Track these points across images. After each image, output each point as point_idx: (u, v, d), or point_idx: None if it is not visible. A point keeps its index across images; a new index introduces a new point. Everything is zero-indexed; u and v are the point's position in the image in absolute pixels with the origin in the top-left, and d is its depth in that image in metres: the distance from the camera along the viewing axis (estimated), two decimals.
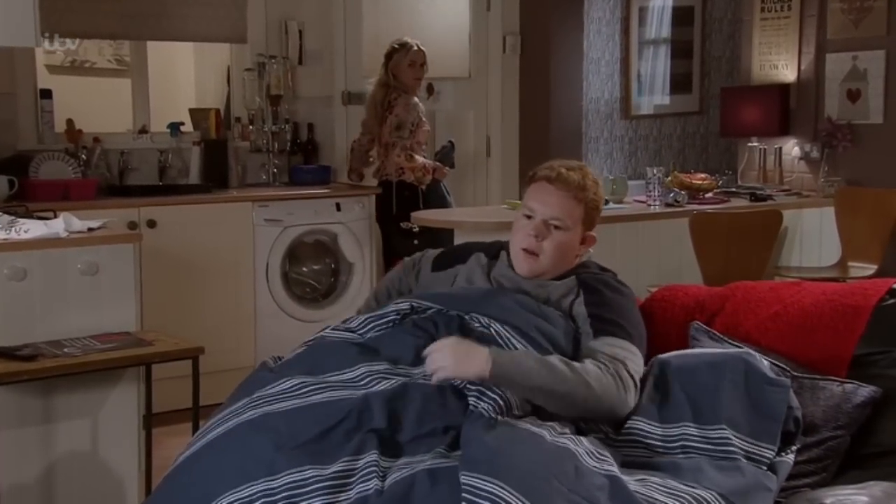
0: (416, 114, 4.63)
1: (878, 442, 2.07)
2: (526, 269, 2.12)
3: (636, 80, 6.31)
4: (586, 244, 2.17)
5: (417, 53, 4.59)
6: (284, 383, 1.92)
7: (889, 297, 2.18)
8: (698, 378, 1.97)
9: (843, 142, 4.40)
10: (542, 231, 2.09)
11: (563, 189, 2.08)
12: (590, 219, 2.14)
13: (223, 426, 1.86)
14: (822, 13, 4.49)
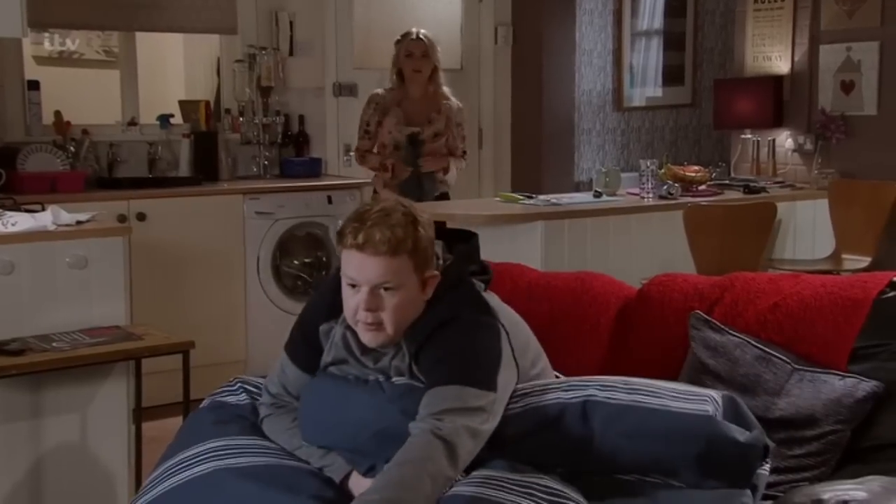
0: (371, 111, 4.22)
1: (878, 435, 2.06)
2: (372, 342, 1.88)
3: (628, 71, 6.29)
4: (429, 287, 1.88)
5: (414, 43, 4.20)
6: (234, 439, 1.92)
7: (889, 289, 2.17)
8: (651, 448, 1.80)
9: (836, 134, 4.39)
10: (374, 300, 1.82)
11: (375, 254, 1.80)
12: (423, 261, 1.85)
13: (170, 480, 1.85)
14: (816, 4, 4.48)
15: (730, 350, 2.20)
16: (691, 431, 1.78)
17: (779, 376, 2.12)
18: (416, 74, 4.17)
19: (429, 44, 4.19)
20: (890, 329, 2.11)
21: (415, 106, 4.19)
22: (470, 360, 1.81)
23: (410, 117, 4.16)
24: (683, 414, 1.81)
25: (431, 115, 4.18)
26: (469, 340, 1.84)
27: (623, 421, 1.81)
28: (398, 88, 4.20)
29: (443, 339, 1.84)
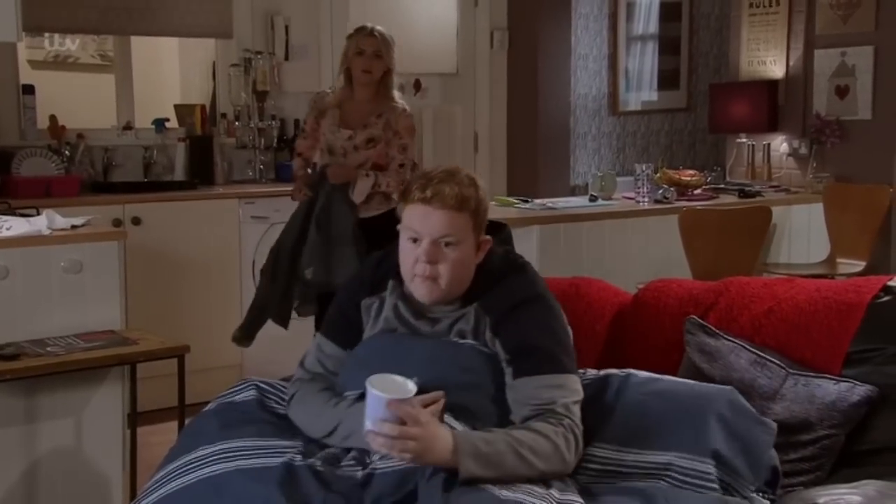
0: (308, 111, 3.86)
1: (873, 439, 2.06)
2: (427, 297, 1.93)
3: (624, 75, 6.30)
4: (482, 250, 1.97)
5: (367, 39, 3.66)
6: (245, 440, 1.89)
7: (883, 294, 2.17)
8: (682, 404, 1.89)
9: (831, 138, 4.40)
10: (434, 253, 1.89)
11: (442, 207, 1.88)
12: (479, 223, 1.95)
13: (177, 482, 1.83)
14: (811, 8, 4.49)
15: (725, 355, 2.20)
16: (715, 395, 1.90)
17: (773, 381, 2.12)
18: (364, 75, 3.66)
19: (383, 42, 3.68)
20: (884, 333, 2.11)
21: (356, 108, 3.70)
22: (560, 339, 1.92)
23: (347, 120, 3.69)
24: (707, 385, 1.99)
25: (370, 119, 3.67)
26: (560, 325, 1.95)
27: (656, 383, 1.97)
28: (345, 88, 3.73)
29: (532, 321, 1.90)
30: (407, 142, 3.67)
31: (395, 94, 3.74)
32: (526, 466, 1.74)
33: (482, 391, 1.86)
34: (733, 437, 1.84)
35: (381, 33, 3.70)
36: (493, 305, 1.92)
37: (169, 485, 1.86)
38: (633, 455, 1.84)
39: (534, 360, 1.86)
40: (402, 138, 3.66)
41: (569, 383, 1.87)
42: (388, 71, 3.70)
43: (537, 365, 1.85)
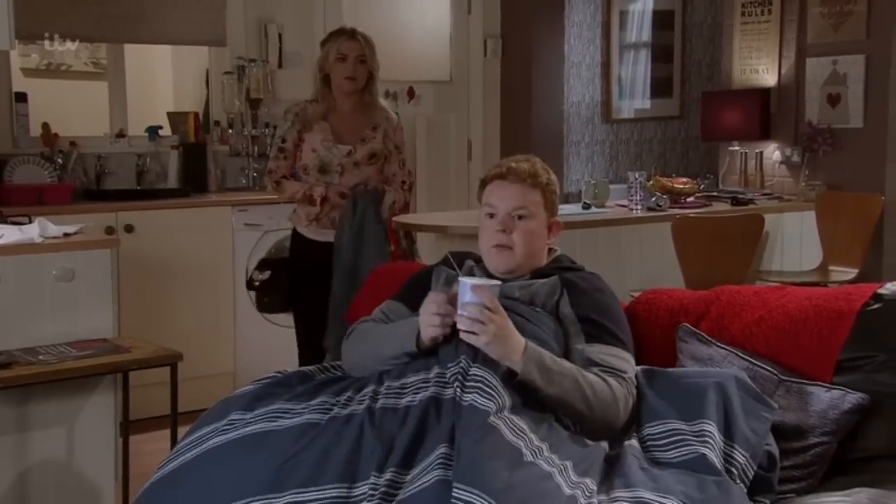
0: (288, 125, 3.43)
1: (864, 447, 2.06)
2: (502, 265, 2.12)
3: (617, 83, 6.32)
4: (553, 232, 2.19)
5: (348, 43, 3.33)
6: (280, 403, 1.95)
7: (873, 301, 2.17)
8: (685, 380, 2.00)
9: (823, 146, 4.42)
10: (509, 223, 2.10)
11: (517, 181, 2.11)
12: (550, 203, 2.17)
13: (218, 437, 1.87)
14: (803, 17, 4.51)
15: (717, 362, 2.20)
16: (723, 373, 2.02)
17: (765, 388, 2.12)
18: (348, 83, 3.34)
19: (366, 44, 3.36)
20: (874, 341, 2.12)
21: (344, 120, 3.38)
22: (627, 330, 2.10)
23: (339, 134, 3.36)
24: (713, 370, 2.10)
25: (365, 132, 3.38)
26: (621, 310, 2.15)
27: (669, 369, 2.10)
28: (323, 98, 3.40)
29: (608, 306, 2.09)
30: (405, 156, 3.49)
31: (383, 102, 3.51)
32: (581, 397, 1.89)
33: (551, 351, 1.97)
34: (730, 406, 1.92)
35: (363, 35, 3.39)
36: (573, 282, 2.09)
37: (212, 440, 1.88)
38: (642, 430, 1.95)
39: (608, 333, 2.03)
40: (402, 152, 3.46)
41: (632, 362, 2.04)
42: (371, 76, 3.40)
43: (612, 337, 2.03)
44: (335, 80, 3.37)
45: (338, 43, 3.37)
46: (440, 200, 5.38)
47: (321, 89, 3.42)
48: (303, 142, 3.40)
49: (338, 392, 2.00)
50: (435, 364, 1.94)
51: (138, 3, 4.59)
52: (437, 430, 1.80)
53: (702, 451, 1.82)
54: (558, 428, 1.87)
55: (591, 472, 1.78)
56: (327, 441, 1.83)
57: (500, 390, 1.83)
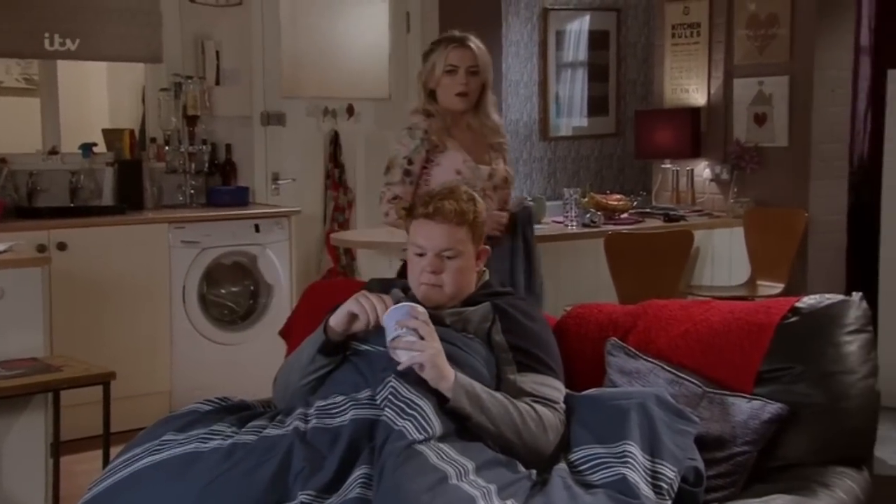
0: (418, 144, 2.94)
1: (782, 456, 2.13)
2: (432, 301, 2.14)
3: (554, 102, 6.43)
4: (481, 259, 2.22)
5: (459, 52, 2.88)
6: (215, 425, 1.98)
7: (791, 315, 2.24)
8: (607, 403, 2.05)
9: (751, 164, 4.55)
10: (438, 265, 2.13)
11: (443, 221, 2.12)
12: (477, 235, 2.19)
13: (150, 458, 1.88)
14: (730, 39, 4.65)
15: (644, 375, 2.26)
16: (644, 393, 2.08)
17: (690, 400, 2.18)
18: (458, 99, 2.88)
19: (480, 53, 2.91)
20: (792, 353, 2.19)
21: (467, 140, 2.96)
22: (557, 358, 2.15)
23: (470, 153, 2.96)
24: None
25: (489, 153, 2.99)
26: (551, 336, 2.19)
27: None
28: (437, 116, 2.93)
29: (538, 333, 2.13)
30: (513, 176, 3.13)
31: (496, 119, 3.04)
32: (511, 426, 1.94)
33: (482, 379, 2.01)
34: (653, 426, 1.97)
35: (475, 41, 2.92)
36: (504, 310, 2.13)
37: (140, 462, 1.90)
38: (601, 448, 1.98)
39: (539, 362, 2.08)
40: (510, 171, 3.09)
41: (563, 390, 2.09)
42: (484, 88, 2.95)
43: (542, 366, 2.08)
44: (443, 97, 2.89)
45: (445, 52, 2.89)
46: (379, 217, 5.39)
47: (427, 106, 2.95)
48: (431, 163, 2.91)
49: (272, 417, 2.03)
50: (364, 386, 1.97)
51: (72, 19, 4.54)
52: (367, 453, 1.83)
53: (623, 473, 1.87)
54: (487, 452, 1.90)
55: (515, 494, 1.81)
56: (255, 461, 1.85)
57: (432, 419, 1.87)
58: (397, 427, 1.84)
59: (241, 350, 4.51)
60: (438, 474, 1.77)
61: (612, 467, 1.91)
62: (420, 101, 2.96)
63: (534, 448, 1.96)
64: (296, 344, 2.35)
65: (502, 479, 1.84)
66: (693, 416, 2.05)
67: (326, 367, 2.06)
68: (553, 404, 2.03)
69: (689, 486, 1.96)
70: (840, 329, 2.20)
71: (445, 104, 2.89)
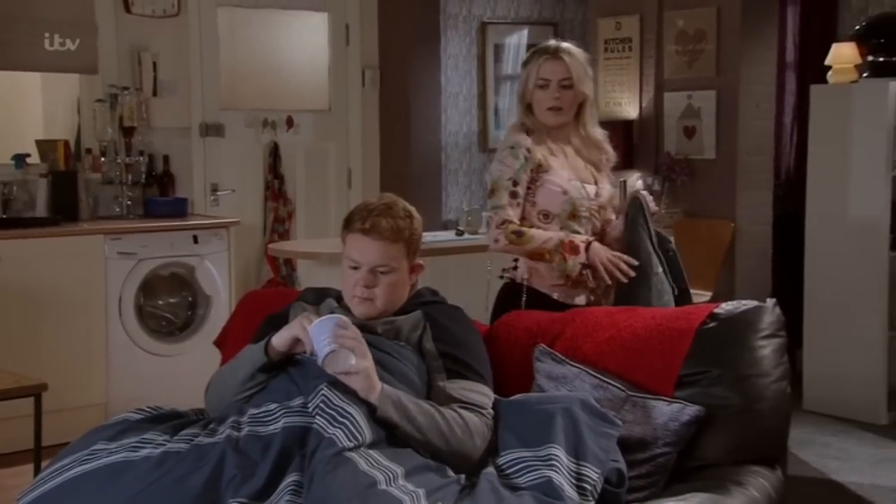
0: (522, 162, 2.74)
1: (700, 456, 2.22)
2: (364, 314, 2.18)
3: (494, 114, 6.52)
4: (415, 273, 2.26)
5: (551, 64, 2.73)
6: (146, 434, 1.99)
7: (710, 320, 2.33)
8: (534, 408, 2.11)
9: (681, 176, 4.68)
10: (371, 280, 2.16)
11: (379, 238, 2.15)
12: (412, 251, 2.22)
13: (80, 467, 1.89)
14: (660, 55, 4.78)
15: (570, 380, 2.33)
16: (569, 398, 2.14)
17: (614, 403, 2.25)
18: (551, 114, 2.74)
19: (574, 64, 2.75)
20: (710, 357, 2.28)
21: (576, 156, 2.83)
22: (486, 364, 2.20)
23: (574, 172, 2.80)
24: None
25: (593, 171, 2.84)
26: (481, 343, 2.25)
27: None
28: (536, 131, 2.77)
29: (468, 341, 2.18)
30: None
31: (599, 133, 2.86)
32: (437, 433, 1.98)
33: (413, 386, 2.06)
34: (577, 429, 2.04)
35: (569, 52, 2.75)
36: (435, 318, 2.18)
37: (70, 471, 1.91)
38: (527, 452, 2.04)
39: (468, 368, 2.13)
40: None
41: (491, 395, 2.14)
42: (584, 101, 2.79)
43: (471, 372, 2.12)
44: (537, 111, 2.75)
45: (538, 65, 2.74)
46: (320, 228, 5.43)
47: (525, 120, 2.79)
48: (535, 183, 2.74)
49: (205, 425, 2.05)
50: (297, 394, 2.00)
51: (6, 29, 4.50)
52: (298, 461, 1.87)
53: (548, 475, 1.94)
54: (416, 458, 1.95)
55: (444, 498, 1.87)
56: (186, 469, 1.88)
57: (363, 427, 1.91)
58: (328, 435, 1.88)
59: (179, 361, 4.50)
60: (368, 480, 1.81)
61: (537, 470, 1.97)
62: (518, 116, 2.81)
63: (461, 454, 2.01)
64: (231, 353, 2.38)
65: (431, 484, 1.89)
66: (616, 420, 2.12)
67: (264, 382, 2.09)
68: (481, 410, 2.08)
69: (611, 486, 2.03)
70: (755, 334, 2.30)
71: (540, 119, 2.75)
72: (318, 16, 5.66)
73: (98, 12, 4.72)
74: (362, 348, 1.98)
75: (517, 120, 2.82)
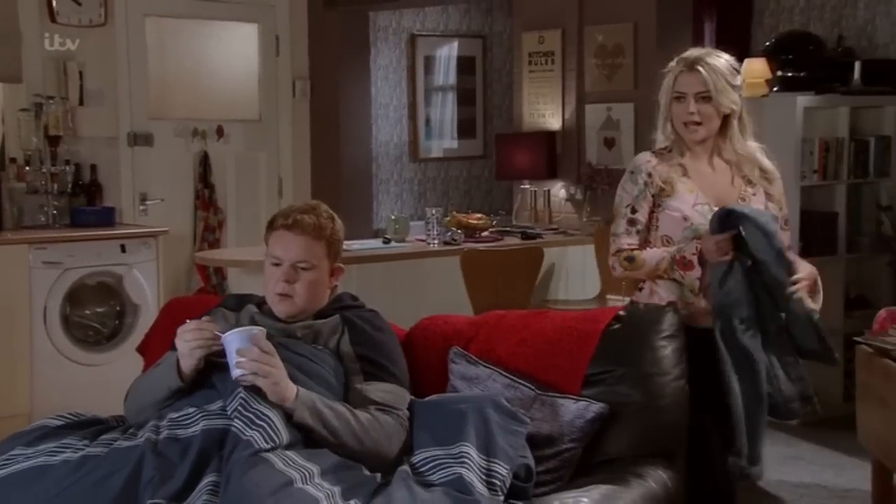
0: (641, 186, 2.58)
1: (604, 451, 2.33)
2: (284, 312, 2.24)
3: (425, 124, 6.63)
4: (335, 276, 2.32)
5: (687, 77, 2.52)
6: (66, 439, 2.04)
7: (615, 322, 2.46)
8: (447, 408, 2.21)
9: (601, 185, 4.83)
10: (292, 275, 2.22)
11: (301, 234, 2.21)
12: (333, 252, 2.28)
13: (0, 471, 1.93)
14: (580, 67, 4.93)
15: (483, 380, 2.43)
16: (481, 397, 2.24)
17: (524, 402, 2.36)
18: (688, 129, 2.53)
19: (712, 74, 2.49)
20: (614, 357, 2.40)
21: (706, 177, 2.57)
22: (402, 366, 2.28)
23: (710, 194, 2.56)
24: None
25: (741, 191, 2.56)
26: (397, 346, 2.33)
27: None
28: (677, 146, 2.57)
29: (385, 344, 2.26)
30: (787, 215, 2.66)
31: (753, 146, 2.57)
32: (352, 435, 2.05)
33: (331, 388, 2.13)
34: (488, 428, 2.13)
35: (707, 63, 2.50)
36: (353, 322, 2.24)
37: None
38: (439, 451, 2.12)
39: (384, 371, 2.20)
40: (780, 204, 2.62)
41: (407, 397, 2.23)
42: (728, 117, 2.53)
43: (388, 374, 2.20)
44: (676, 125, 2.56)
45: (674, 77, 2.55)
46: (250, 236, 5.45)
47: (664, 134, 2.60)
48: (659, 208, 2.58)
49: (125, 430, 2.10)
50: (216, 397, 2.06)
51: None
52: (216, 462, 1.93)
53: (459, 472, 2.03)
54: (332, 457, 2.02)
55: (359, 496, 1.95)
56: (105, 471, 1.92)
57: (280, 429, 1.98)
58: (245, 437, 1.94)
59: (106, 370, 4.48)
60: (284, 479, 1.88)
61: (449, 467, 2.06)
62: (659, 130, 2.62)
63: (376, 454, 2.09)
64: (153, 359, 2.42)
65: (347, 482, 1.97)
66: (525, 418, 2.22)
67: (183, 394, 2.13)
68: (396, 411, 2.16)
69: (520, 482, 2.13)
70: (656, 335, 2.43)
71: (680, 133, 2.56)
72: (247, 27, 5.70)
73: (22, 21, 4.70)
74: (265, 368, 2.01)
75: (657, 133, 2.64)
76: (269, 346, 2.05)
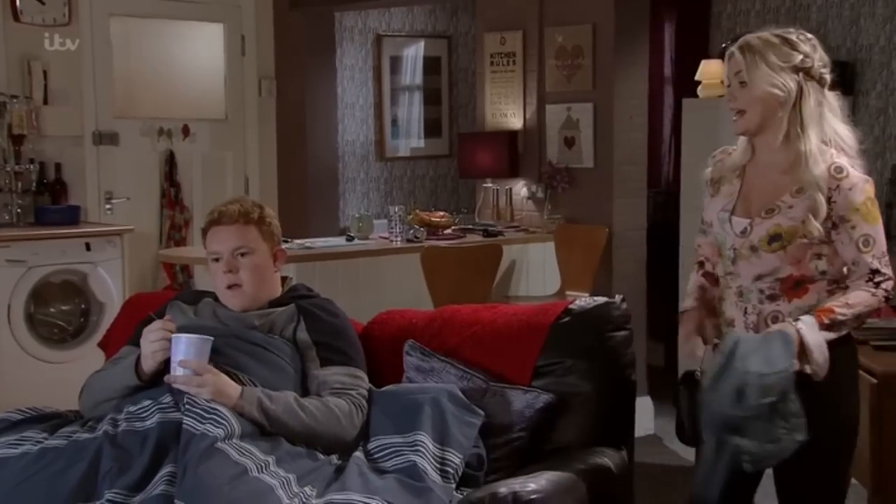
0: (707, 182, 2.34)
1: (553, 440, 2.42)
2: (237, 305, 2.31)
3: (391, 123, 6.70)
4: (279, 259, 2.40)
5: (728, 64, 2.18)
6: (26, 432, 2.11)
7: (564, 315, 2.54)
8: (404, 398, 2.29)
9: (562, 183, 4.91)
10: (233, 263, 2.29)
11: (230, 223, 2.30)
12: (269, 235, 2.35)
13: None
14: (541, 68, 5.01)
15: (437, 372, 2.51)
16: (438, 388, 2.32)
17: (476, 393, 2.44)
18: (734, 119, 2.20)
19: (746, 57, 2.12)
20: (563, 349, 2.48)
21: (760, 177, 2.21)
22: (358, 349, 2.36)
23: (747, 201, 2.21)
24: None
25: (782, 197, 2.14)
26: (353, 330, 2.41)
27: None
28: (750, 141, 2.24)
29: (341, 329, 2.34)
30: (869, 231, 2.09)
31: (813, 147, 2.12)
32: (301, 424, 2.11)
33: (287, 375, 2.20)
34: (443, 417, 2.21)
35: (748, 42, 2.14)
36: (308, 310, 2.31)
37: None
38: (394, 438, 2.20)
39: (341, 354, 2.28)
40: (851, 220, 2.10)
41: (364, 378, 2.31)
42: (774, 107, 2.13)
43: (344, 357, 2.27)
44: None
45: (725, 65, 2.22)
46: None
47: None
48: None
49: (84, 423, 2.16)
50: (167, 391, 2.12)
51: None
52: (174, 453, 1.99)
53: (413, 460, 2.11)
54: (287, 445, 2.10)
55: (314, 482, 2.02)
56: (64, 463, 1.98)
57: (230, 419, 2.05)
58: (198, 431, 2.01)
59: (71, 368, 4.49)
60: (238, 468, 1.95)
61: (404, 455, 2.14)
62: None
63: (331, 436, 2.16)
64: (113, 353, 2.48)
65: (302, 469, 2.04)
66: (478, 410, 2.30)
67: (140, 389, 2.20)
68: (351, 392, 2.23)
69: (472, 470, 2.22)
70: (604, 327, 2.52)
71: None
72: (213, 26, 5.73)
73: None
74: (196, 380, 2.07)
75: None
76: (205, 361, 2.10)
